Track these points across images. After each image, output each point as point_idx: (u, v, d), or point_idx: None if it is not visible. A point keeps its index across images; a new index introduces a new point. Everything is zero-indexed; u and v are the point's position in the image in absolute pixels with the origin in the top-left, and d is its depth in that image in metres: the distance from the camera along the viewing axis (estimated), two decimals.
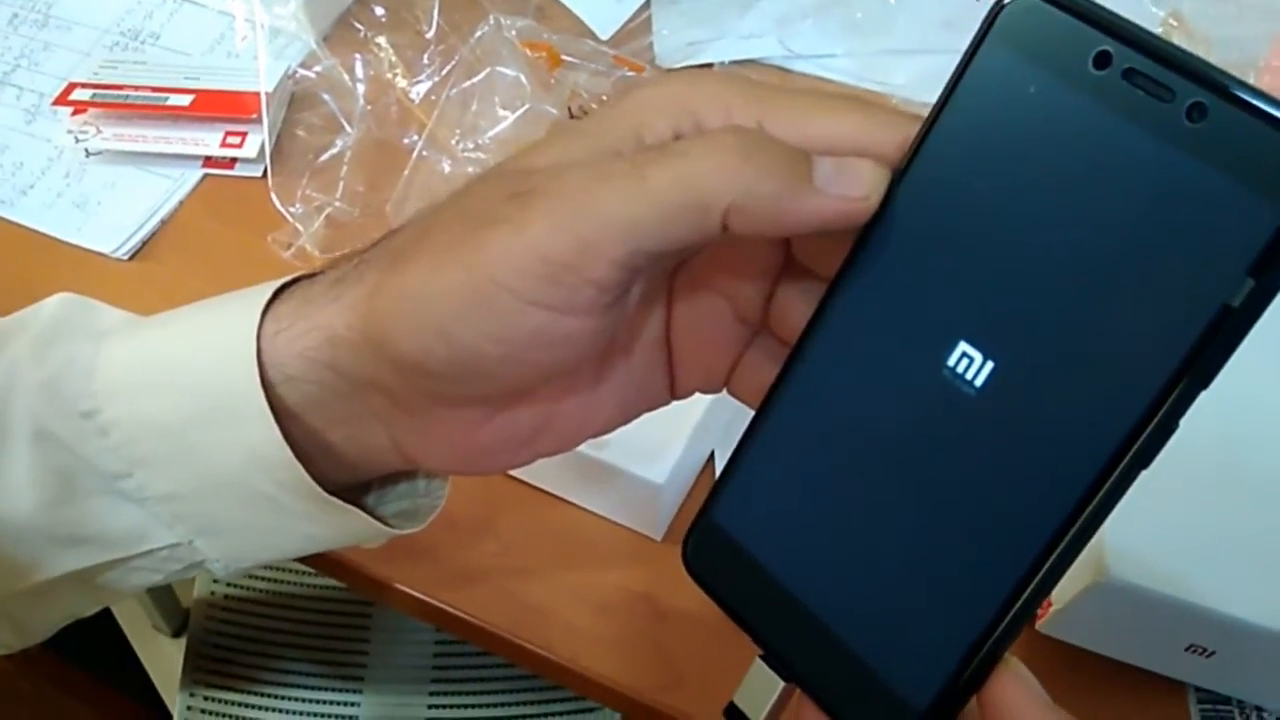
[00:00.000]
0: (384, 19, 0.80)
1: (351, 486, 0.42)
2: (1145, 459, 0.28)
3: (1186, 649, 0.51)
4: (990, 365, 0.31)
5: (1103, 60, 0.29)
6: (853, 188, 0.32)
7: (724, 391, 0.40)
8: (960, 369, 0.31)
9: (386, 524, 0.42)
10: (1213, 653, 0.51)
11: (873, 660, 0.32)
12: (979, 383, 0.31)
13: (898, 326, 0.33)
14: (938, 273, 0.32)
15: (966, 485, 0.31)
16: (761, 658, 0.35)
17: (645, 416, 0.41)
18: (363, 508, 0.41)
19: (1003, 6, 0.31)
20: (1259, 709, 0.55)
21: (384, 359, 0.36)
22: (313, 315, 0.38)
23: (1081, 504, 0.29)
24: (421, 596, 0.59)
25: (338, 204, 0.73)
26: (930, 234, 0.32)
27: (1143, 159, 0.28)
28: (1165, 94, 0.28)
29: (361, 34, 0.80)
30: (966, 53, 0.32)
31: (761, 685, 0.35)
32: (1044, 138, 0.30)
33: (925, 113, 0.33)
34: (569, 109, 0.75)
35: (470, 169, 0.73)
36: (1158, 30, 0.69)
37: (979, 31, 0.31)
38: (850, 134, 0.33)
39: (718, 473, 0.61)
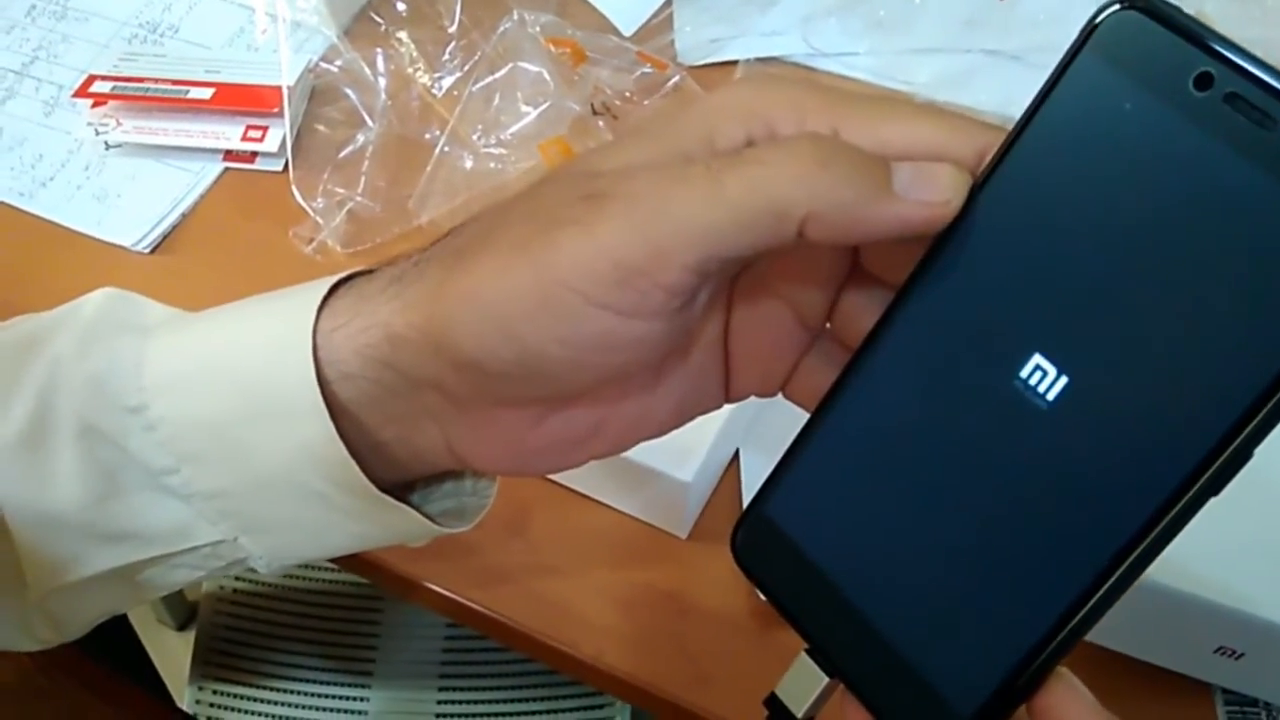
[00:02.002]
0: (405, 13, 0.80)
1: (398, 485, 0.41)
2: (1216, 487, 0.28)
3: (1215, 651, 0.51)
4: (1064, 380, 0.30)
5: (1204, 81, 0.28)
6: (933, 192, 0.32)
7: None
8: (1033, 381, 0.31)
9: (434, 522, 0.42)
10: (1242, 654, 0.51)
11: (920, 663, 0.32)
12: (1051, 396, 0.30)
13: (970, 334, 0.32)
14: (1015, 283, 0.32)
15: (1030, 497, 0.31)
16: (807, 652, 0.35)
17: None
18: (408, 505, 0.41)
19: (1102, 19, 0.30)
20: None
21: (444, 358, 0.35)
22: (370, 312, 0.37)
23: (1148, 526, 0.29)
24: (449, 594, 0.59)
25: (359, 199, 0.73)
26: (1009, 244, 0.32)
27: (1237, 185, 0.28)
28: (1267, 121, 0.27)
29: (383, 28, 0.80)
30: (1061, 62, 0.31)
31: (805, 679, 0.35)
32: (1136, 156, 0.30)
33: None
34: (592, 105, 0.75)
35: (492, 165, 0.73)
36: None
37: (1076, 41, 0.31)
38: (927, 140, 0.33)
39: (742, 473, 0.61)
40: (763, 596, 0.37)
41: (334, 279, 0.39)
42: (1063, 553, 0.30)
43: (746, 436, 0.62)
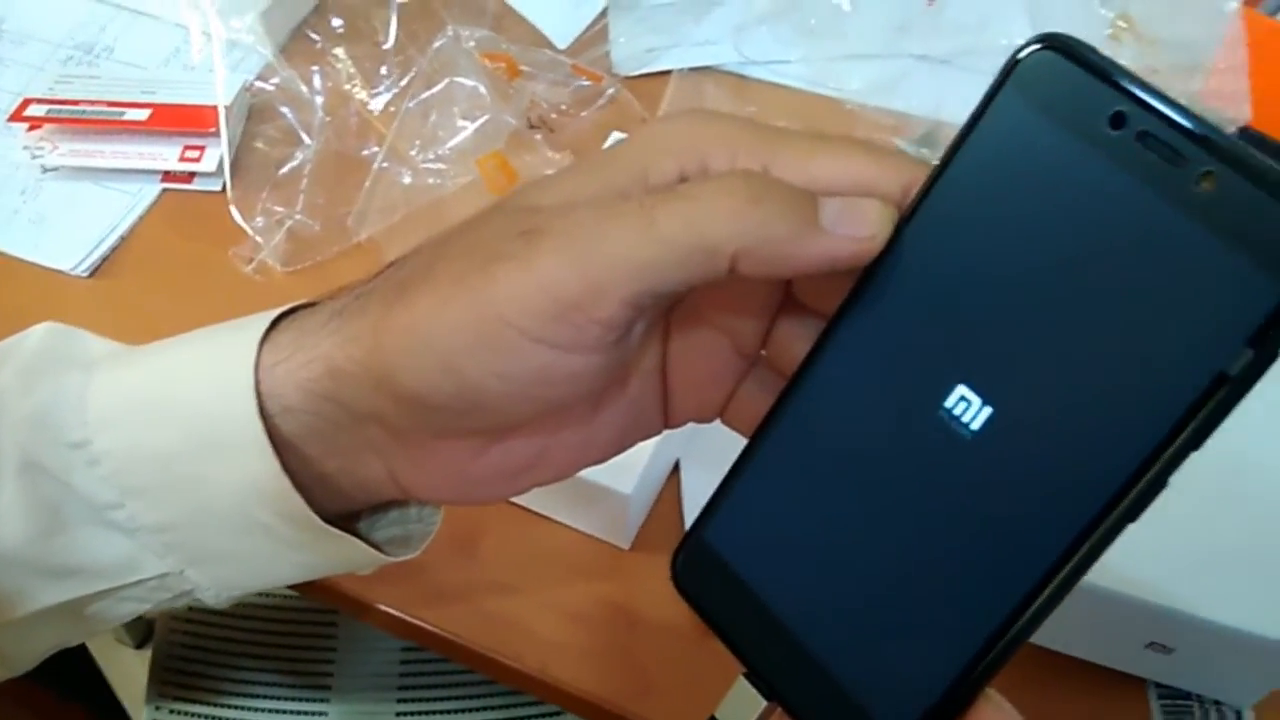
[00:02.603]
0: (341, 30, 0.80)
1: (344, 515, 0.42)
2: (1134, 514, 0.29)
3: (1147, 646, 0.52)
4: (988, 410, 0.31)
5: (1118, 120, 0.29)
6: (859, 227, 0.33)
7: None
8: (957, 411, 0.31)
9: (380, 551, 0.42)
10: (1173, 650, 0.52)
11: (854, 687, 0.33)
12: (975, 426, 0.31)
13: (897, 365, 0.33)
14: (940, 315, 0.32)
15: (956, 525, 0.32)
16: (745, 676, 0.35)
17: None
18: (354, 534, 0.42)
19: (1021, 58, 0.31)
20: (1218, 704, 0.56)
21: (384, 392, 0.36)
22: (312, 346, 0.38)
23: (1067, 555, 0.29)
24: (399, 614, 0.60)
25: (299, 217, 0.73)
26: (934, 277, 0.33)
27: (1150, 222, 0.29)
28: (1178, 159, 0.28)
29: (319, 45, 0.80)
30: (982, 100, 0.32)
31: (743, 703, 0.35)
32: (1054, 192, 0.30)
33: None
34: (528, 119, 0.76)
35: (431, 180, 0.74)
36: (1107, 32, 0.71)
37: (996, 80, 0.31)
38: (855, 175, 0.34)
39: (683, 482, 0.62)
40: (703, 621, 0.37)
41: (276, 312, 0.40)
42: (987, 579, 0.31)
43: (686, 448, 0.63)
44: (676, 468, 0.63)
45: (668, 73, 0.79)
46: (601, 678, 0.58)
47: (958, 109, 0.33)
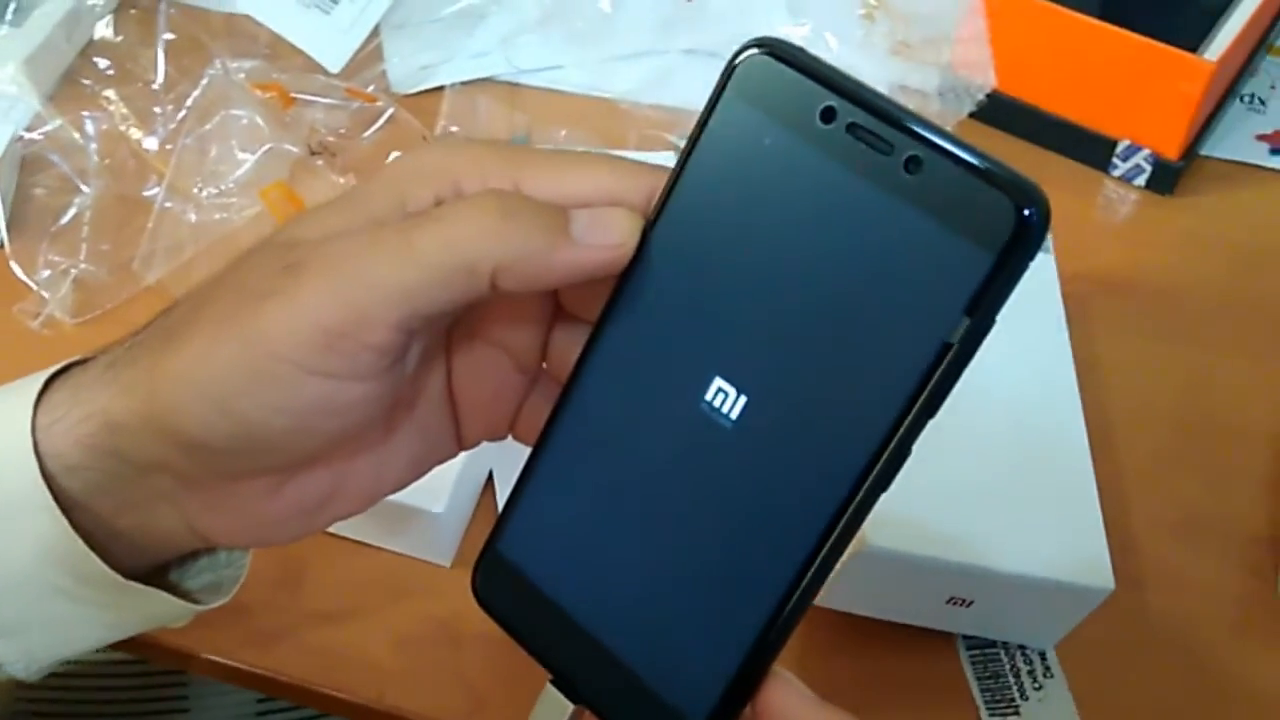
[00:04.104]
0: (110, 72, 0.79)
1: (151, 569, 0.41)
2: (884, 483, 0.31)
3: (948, 601, 0.55)
4: (744, 399, 0.33)
5: (828, 115, 0.31)
6: (607, 236, 0.34)
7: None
8: (717, 403, 0.33)
9: (193, 599, 0.42)
10: (971, 602, 0.55)
11: (652, 680, 0.34)
12: (734, 415, 0.33)
13: (658, 364, 0.35)
14: (693, 312, 0.34)
15: (727, 512, 0.33)
16: (552, 682, 0.36)
17: None
18: (167, 586, 0.41)
19: (737, 63, 0.33)
20: (1023, 648, 0.59)
21: (166, 439, 0.36)
22: (88, 401, 0.37)
23: (829, 528, 0.31)
24: (225, 661, 0.59)
25: (83, 265, 0.72)
26: (683, 277, 0.34)
27: (867, 208, 0.30)
28: (885, 147, 0.30)
29: (89, 89, 0.79)
30: (708, 104, 0.33)
31: (553, 708, 0.36)
32: (779, 188, 0.32)
33: (667, 159, 0.35)
34: (309, 146, 0.75)
35: (217, 216, 0.73)
36: (860, 13, 0.73)
37: (718, 84, 0.33)
38: (601, 187, 0.35)
39: (497, 493, 0.63)
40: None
41: (49, 372, 0.39)
42: (759, 562, 0.32)
43: (499, 459, 0.63)
44: (491, 481, 0.64)
45: (443, 88, 0.79)
46: (435, 700, 0.58)
47: None
